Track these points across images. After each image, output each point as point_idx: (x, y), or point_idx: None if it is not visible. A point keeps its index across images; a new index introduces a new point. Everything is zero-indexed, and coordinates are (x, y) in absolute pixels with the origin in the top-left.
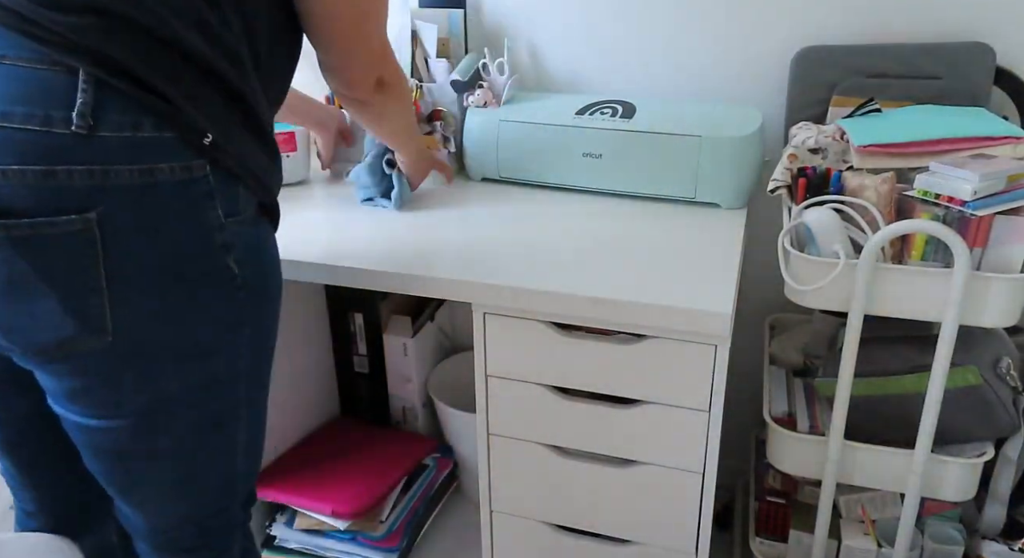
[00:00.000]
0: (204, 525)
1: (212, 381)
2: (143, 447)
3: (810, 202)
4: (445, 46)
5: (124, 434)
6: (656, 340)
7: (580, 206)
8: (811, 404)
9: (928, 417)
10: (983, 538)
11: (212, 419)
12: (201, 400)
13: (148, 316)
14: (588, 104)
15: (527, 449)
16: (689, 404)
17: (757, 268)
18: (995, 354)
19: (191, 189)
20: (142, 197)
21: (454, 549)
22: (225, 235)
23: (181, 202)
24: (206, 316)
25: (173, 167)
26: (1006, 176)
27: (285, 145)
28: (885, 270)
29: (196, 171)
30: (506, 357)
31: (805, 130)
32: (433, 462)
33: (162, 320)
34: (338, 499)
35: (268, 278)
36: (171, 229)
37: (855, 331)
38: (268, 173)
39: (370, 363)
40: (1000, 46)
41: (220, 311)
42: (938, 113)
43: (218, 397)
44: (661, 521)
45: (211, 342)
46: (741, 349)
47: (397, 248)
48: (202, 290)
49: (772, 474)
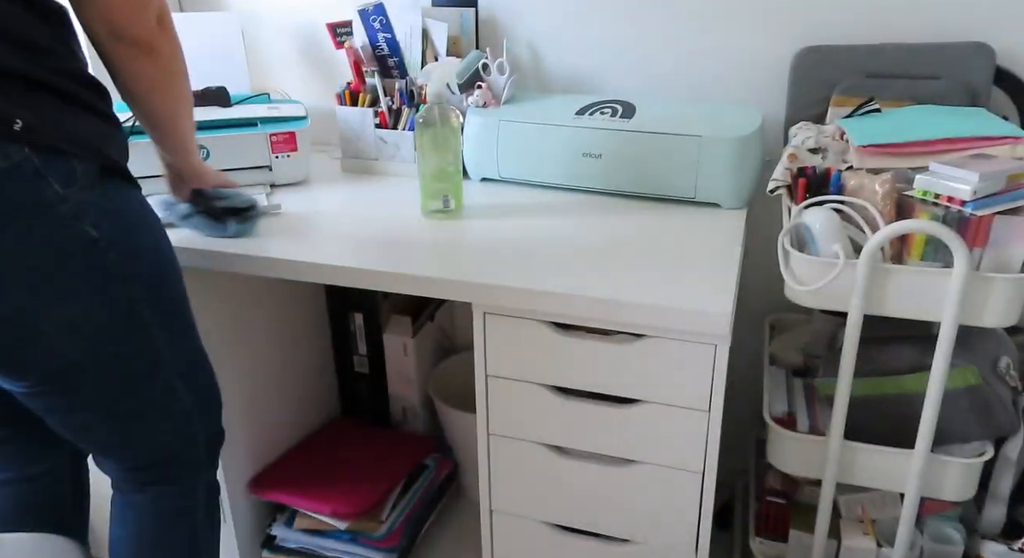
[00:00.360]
0: (169, 460)
1: (113, 339)
2: (64, 403)
3: (810, 202)
4: (456, 44)
5: (45, 397)
6: (656, 340)
7: (580, 206)
8: (811, 404)
9: (928, 417)
10: (983, 538)
11: (131, 370)
12: (110, 358)
13: (29, 296)
14: (588, 104)
15: (527, 449)
16: (689, 404)
17: (757, 268)
18: (995, 354)
19: (16, 173)
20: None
21: (454, 549)
22: (70, 205)
23: (12, 187)
24: (81, 284)
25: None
26: (1006, 176)
27: (285, 145)
28: (885, 270)
29: (15, 156)
30: (506, 357)
31: (805, 130)
32: (433, 462)
33: (42, 297)
34: (338, 499)
35: (136, 229)
36: (13, 214)
37: (855, 331)
38: (107, 141)
39: (370, 363)
40: (1000, 46)
41: (95, 275)
42: (938, 113)
43: (127, 351)
44: (661, 521)
45: (98, 305)
46: (741, 349)
47: (397, 248)
48: (68, 260)
49: (772, 474)
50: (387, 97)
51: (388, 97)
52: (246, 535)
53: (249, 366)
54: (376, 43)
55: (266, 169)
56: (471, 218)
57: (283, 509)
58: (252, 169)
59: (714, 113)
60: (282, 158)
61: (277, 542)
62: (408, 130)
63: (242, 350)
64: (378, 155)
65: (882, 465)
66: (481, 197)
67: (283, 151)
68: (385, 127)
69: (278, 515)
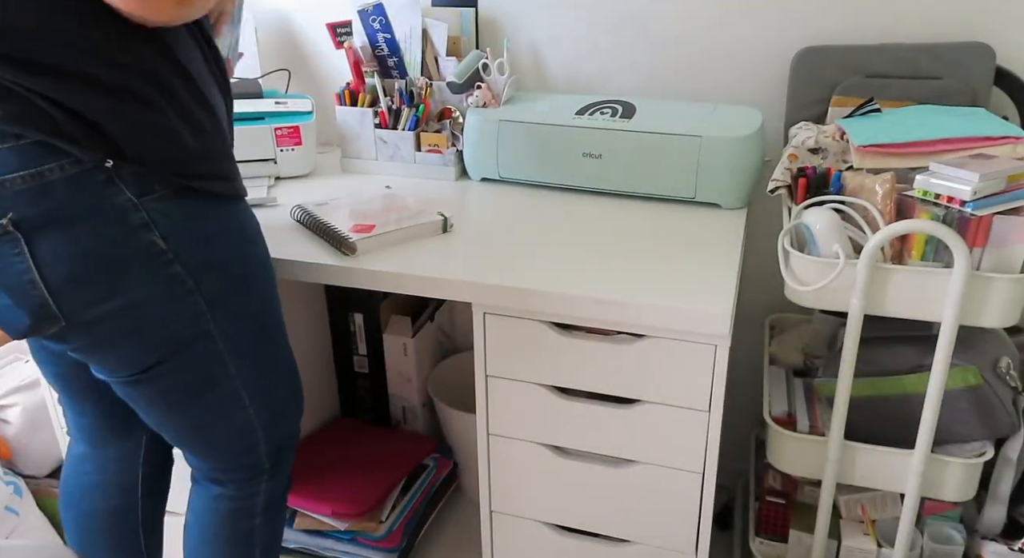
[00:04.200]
0: (229, 465)
1: (178, 348)
2: (143, 400)
3: (810, 202)
4: (456, 45)
5: (126, 388)
6: (656, 340)
7: (580, 206)
8: (811, 404)
9: (928, 417)
10: (983, 538)
11: (196, 379)
12: (176, 365)
13: (89, 299)
14: (588, 104)
15: (527, 449)
16: (689, 404)
17: (757, 268)
18: (995, 354)
19: (87, 180)
20: (40, 197)
21: (454, 549)
22: (143, 214)
23: (83, 193)
24: (143, 291)
25: (62, 165)
26: (1006, 176)
27: (289, 139)
28: (885, 270)
29: (86, 163)
30: (506, 357)
31: (805, 130)
32: (433, 462)
33: (102, 301)
34: (338, 499)
35: (210, 243)
36: (83, 219)
37: (855, 331)
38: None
39: (370, 363)
40: (1000, 46)
41: (156, 285)
42: (938, 113)
43: (192, 360)
44: (661, 521)
45: (160, 314)
46: (741, 349)
47: (397, 248)
48: (132, 267)
49: (772, 474)
50: (387, 97)
51: (388, 97)
52: None
53: None
54: (376, 43)
55: (271, 162)
56: (471, 218)
57: None
58: (257, 161)
59: (714, 113)
60: (287, 151)
61: None
62: (408, 130)
63: None
64: (378, 155)
65: (882, 465)
66: (481, 197)
67: (288, 145)
68: (385, 127)
69: None
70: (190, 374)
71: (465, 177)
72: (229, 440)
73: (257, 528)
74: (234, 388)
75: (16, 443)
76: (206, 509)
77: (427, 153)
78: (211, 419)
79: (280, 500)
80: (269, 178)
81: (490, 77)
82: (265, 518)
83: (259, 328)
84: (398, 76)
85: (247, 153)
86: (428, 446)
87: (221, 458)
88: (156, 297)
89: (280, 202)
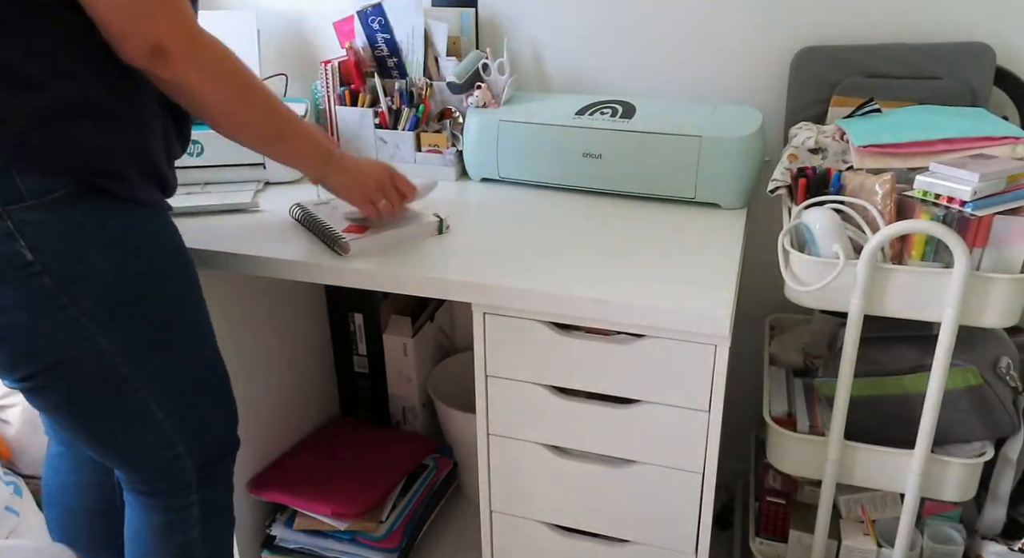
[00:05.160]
0: (149, 478)
1: (64, 361)
2: (45, 409)
3: (810, 202)
4: (456, 45)
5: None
6: (656, 340)
7: (580, 206)
8: (811, 404)
9: (928, 417)
10: (983, 538)
11: (96, 393)
12: (65, 378)
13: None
14: (588, 104)
15: (527, 449)
16: (689, 404)
17: (757, 268)
18: (995, 354)
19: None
20: None
21: (454, 549)
22: (8, 223)
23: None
24: (8, 298)
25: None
26: (1006, 176)
27: None
28: (885, 270)
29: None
30: (506, 357)
31: (805, 130)
32: (433, 462)
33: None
34: (338, 499)
35: (92, 253)
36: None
37: (855, 331)
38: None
39: (370, 363)
40: (1000, 46)
41: (22, 294)
42: (938, 113)
43: (86, 374)
44: (661, 521)
45: (27, 324)
46: (741, 349)
47: (397, 248)
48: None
49: (772, 474)
50: (387, 97)
51: (388, 97)
52: (246, 535)
53: (249, 366)
54: (375, 44)
55: (260, 166)
56: (471, 218)
57: (283, 509)
58: (245, 166)
59: (714, 113)
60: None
61: (277, 542)
62: (408, 130)
63: (242, 350)
64: (378, 155)
65: (882, 465)
66: (481, 197)
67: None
68: (385, 127)
69: (278, 515)
70: (87, 388)
71: (465, 177)
72: (147, 454)
73: (195, 541)
74: (140, 402)
75: (16, 443)
76: (140, 522)
77: (427, 153)
78: (120, 433)
79: (219, 510)
80: (257, 183)
81: (490, 77)
82: (203, 529)
83: (165, 343)
84: (398, 76)
85: (234, 157)
86: (428, 446)
87: (139, 472)
88: (22, 305)
89: (264, 208)
